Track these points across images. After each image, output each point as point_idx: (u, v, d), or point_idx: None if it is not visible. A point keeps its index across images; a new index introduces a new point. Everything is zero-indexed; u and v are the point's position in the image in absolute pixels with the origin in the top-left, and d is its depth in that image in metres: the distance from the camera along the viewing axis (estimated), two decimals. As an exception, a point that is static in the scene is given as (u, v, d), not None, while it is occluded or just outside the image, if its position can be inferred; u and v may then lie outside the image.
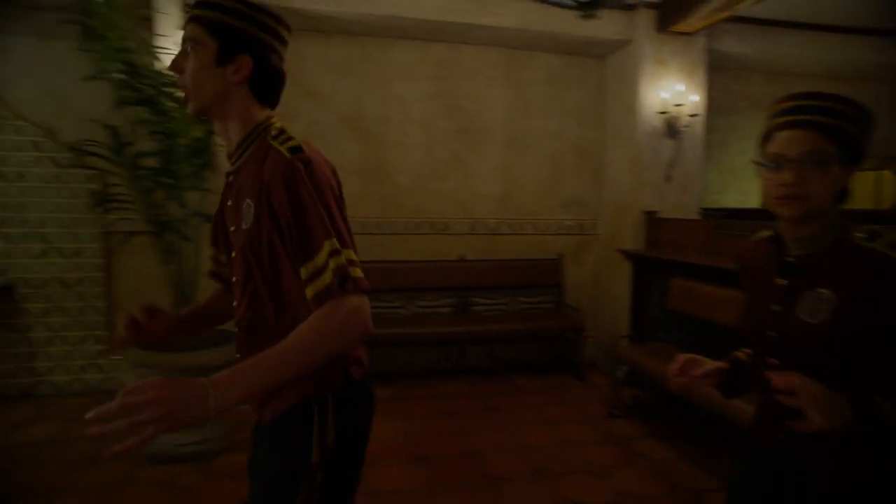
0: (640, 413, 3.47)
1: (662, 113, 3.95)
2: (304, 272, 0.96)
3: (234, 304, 1.15)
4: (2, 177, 3.60)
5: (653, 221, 4.00)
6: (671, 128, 3.98)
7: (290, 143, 1.01)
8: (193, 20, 1.05)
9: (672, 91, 3.91)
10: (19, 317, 3.69)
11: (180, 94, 2.65)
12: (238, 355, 1.13)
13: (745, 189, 4.85)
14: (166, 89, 2.76)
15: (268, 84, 1.10)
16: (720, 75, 4.47)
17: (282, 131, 1.04)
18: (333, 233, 0.97)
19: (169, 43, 2.98)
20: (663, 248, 3.85)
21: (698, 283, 3.24)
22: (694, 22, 3.71)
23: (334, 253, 0.95)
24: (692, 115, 3.96)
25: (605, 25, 3.94)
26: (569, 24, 3.86)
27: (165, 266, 2.83)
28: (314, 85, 3.90)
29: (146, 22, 3.20)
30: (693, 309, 3.26)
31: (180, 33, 1.09)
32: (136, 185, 2.75)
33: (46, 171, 3.65)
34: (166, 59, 2.83)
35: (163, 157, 2.78)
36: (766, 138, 1.02)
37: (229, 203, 1.15)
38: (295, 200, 0.96)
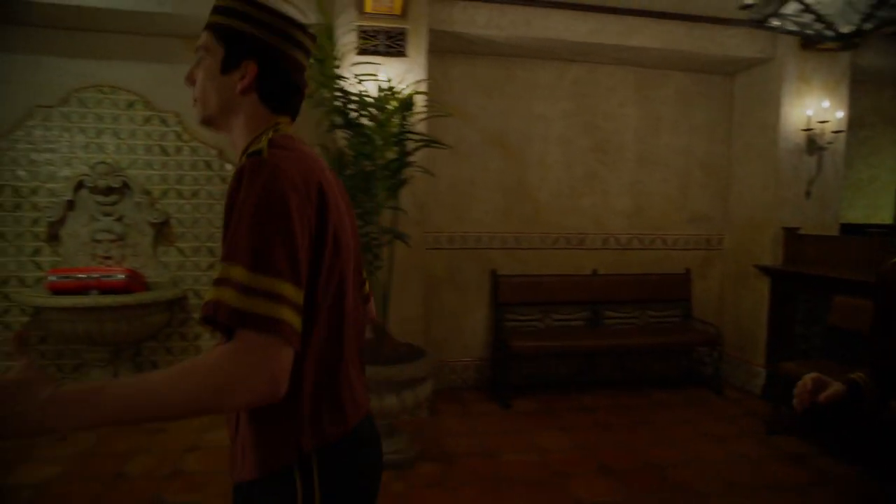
0: (798, 429, 3.49)
1: (806, 130, 3.97)
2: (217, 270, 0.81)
3: None
4: (179, 194, 3.83)
5: (793, 238, 4.02)
6: (812, 144, 4.01)
7: (253, 147, 0.90)
8: (206, 27, 0.99)
9: (816, 108, 3.94)
10: (189, 326, 3.90)
11: (381, 116, 2.86)
12: None
13: (873, 204, 4.83)
14: (365, 112, 2.93)
15: (278, 92, 0.99)
16: (852, 89, 4.47)
17: (271, 136, 0.91)
18: (253, 255, 0.78)
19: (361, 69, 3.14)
20: (809, 265, 3.87)
21: (867, 300, 3.25)
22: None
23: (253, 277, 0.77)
24: (836, 132, 3.98)
25: (747, 44, 4.00)
26: (713, 44, 3.95)
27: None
28: (461, 104, 4.04)
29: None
30: (861, 326, 3.28)
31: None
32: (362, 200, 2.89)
33: (216, 189, 3.87)
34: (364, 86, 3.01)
35: (361, 177, 2.94)
36: None
37: None
38: (229, 207, 0.84)
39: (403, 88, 3.06)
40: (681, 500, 2.69)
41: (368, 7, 3.26)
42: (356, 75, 3.03)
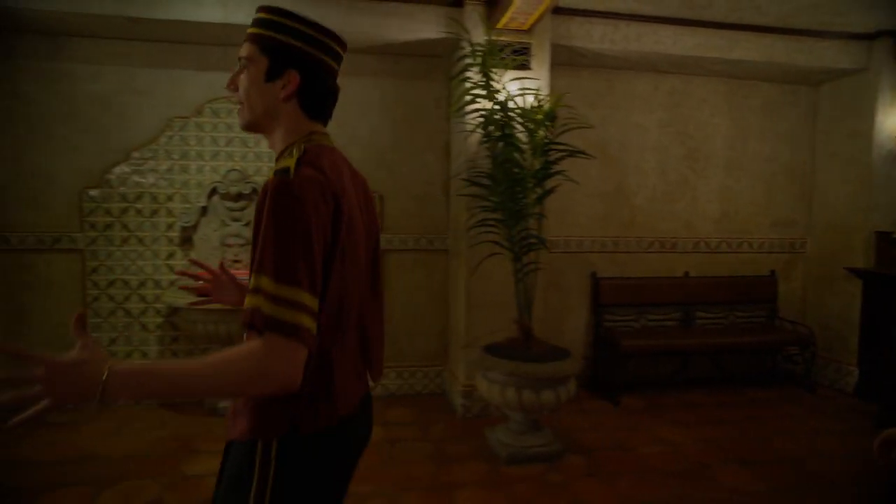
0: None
1: (899, 138, 4.15)
2: (251, 280, 0.94)
3: None
4: (302, 201, 4.00)
5: (886, 241, 4.18)
6: (905, 152, 4.18)
7: (281, 164, 1.00)
8: (248, 39, 1.11)
9: (910, 117, 4.11)
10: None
11: (530, 126, 3.03)
12: None
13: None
14: (517, 124, 3.11)
15: (317, 99, 1.12)
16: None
17: (304, 150, 1.02)
18: (284, 269, 0.92)
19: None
20: (907, 268, 4.03)
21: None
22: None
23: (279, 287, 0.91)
24: (928, 140, 4.15)
25: (843, 55, 4.18)
26: (810, 55, 4.13)
27: (516, 283, 3.14)
28: (565, 113, 4.20)
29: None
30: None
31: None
32: (508, 212, 3.06)
33: (337, 196, 4.03)
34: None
35: (509, 184, 3.11)
36: None
37: None
38: (258, 220, 0.97)
39: (543, 101, 3.24)
40: (820, 491, 2.85)
41: (501, 24, 3.42)
42: (504, 88, 3.20)
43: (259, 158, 3.96)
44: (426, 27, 3.60)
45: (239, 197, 3.88)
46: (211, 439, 3.28)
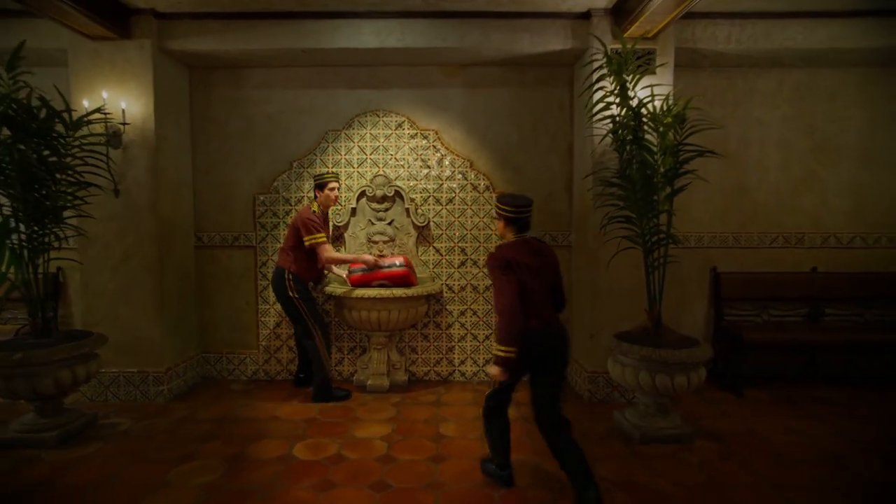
0: None
1: None
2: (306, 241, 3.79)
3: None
4: (437, 201, 4.45)
5: None
6: None
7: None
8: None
9: None
10: (443, 316, 4.51)
11: (660, 129, 3.22)
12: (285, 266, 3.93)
13: None
14: (648, 127, 3.31)
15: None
16: None
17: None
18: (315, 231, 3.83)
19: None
20: None
21: None
22: None
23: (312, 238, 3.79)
24: None
25: None
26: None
27: (647, 275, 3.36)
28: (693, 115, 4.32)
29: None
30: None
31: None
32: (640, 210, 3.29)
33: (468, 196, 4.44)
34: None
35: (643, 185, 3.32)
36: None
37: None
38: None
39: (671, 105, 3.42)
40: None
41: (628, 33, 3.64)
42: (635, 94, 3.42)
43: (400, 166, 4.45)
44: (555, 39, 3.90)
45: (383, 199, 4.39)
46: (367, 410, 3.80)
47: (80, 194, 3.45)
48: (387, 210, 4.42)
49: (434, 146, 4.45)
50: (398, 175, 4.45)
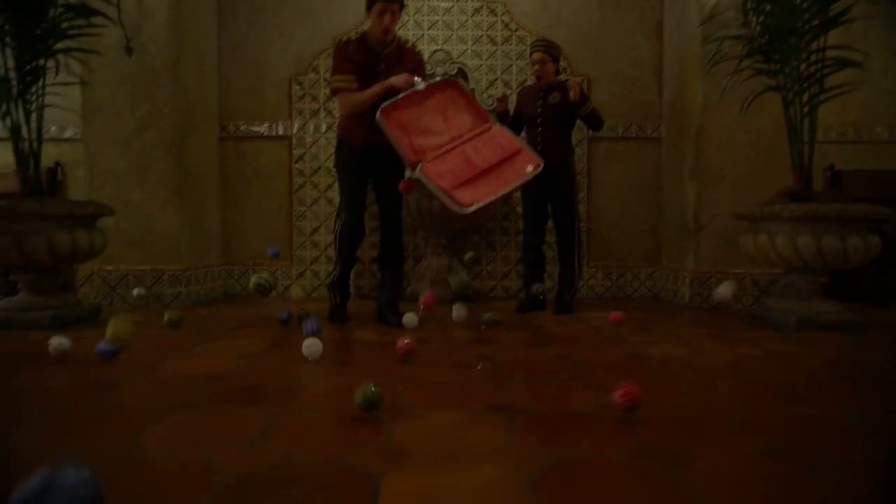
0: None
1: None
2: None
3: None
4: (505, 84, 3.79)
5: None
6: None
7: None
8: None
9: None
10: (510, 220, 3.81)
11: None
12: None
13: None
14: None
15: None
16: None
17: None
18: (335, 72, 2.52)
19: None
20: None
21: None
22: None
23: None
24: None
25: None
26: None
27: (790, 126, 2.68)
28: None
29: None
30: None
31: None
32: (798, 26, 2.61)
33: (541, 79, 3.77)
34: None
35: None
36: None
37: None
38: None
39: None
40: None
41: None
42: None
43: (463, 42, 3.79)
44: None
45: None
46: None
47: (80, 24, 2.73)
48: (447, 92, 3.74)
49: (503, 20, 3.79)
50: (461, 53, 3.79)
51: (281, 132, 3.80)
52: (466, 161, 2.48)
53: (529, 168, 2.52)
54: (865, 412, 1.33)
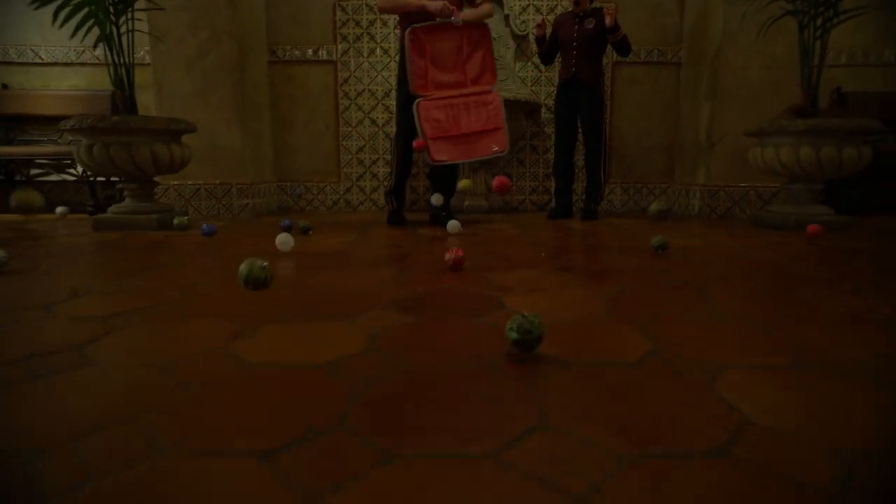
0: None
1: None
2: None
3: None
4: (537, 10, 4.00)
5: None
6: None
7: None
8: None
9: None
10: (540, 139, 4.16)
11: None
12: None
13: None
14: None
15: None
16: None
17: None
18: None
19: None
20: None
21: None
22: None
23: None
24: None
25: None
26: None
27: (803, 48, 2.98)
28: None
29: None
30: None
31: None
32: None
33: (571, 4, 3.98)
34: None
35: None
36: None
37: None
38: None
39: None
40: None
41: None
42: None
43: (496, -34, 3.97)
44: None
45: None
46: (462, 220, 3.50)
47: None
48: (483, 18, 3.97)
49: (535, -56, 3.96)
50: (496, -20, 3.98)
51: (326, 56, 4.07)
52: (454, 119, 2.83)
53: (495, 148, 2.86)
54: (836, 274, 1.78)
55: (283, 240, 2.06)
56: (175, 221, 2.83)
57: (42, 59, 4.04)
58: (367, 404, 0.72)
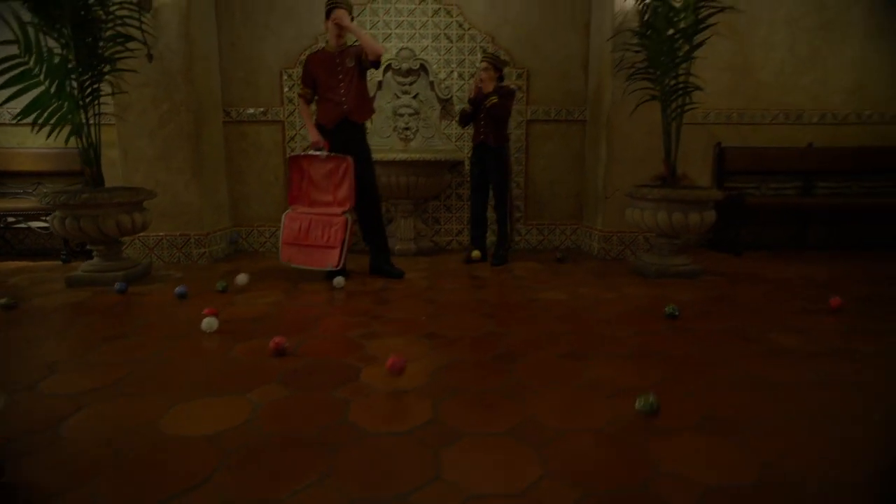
0: None
1: None
2: None
3: None
4: (459, 76, 4.61)
5: None
6: None
7: None
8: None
9: None
10: (464, 188, 4.76)
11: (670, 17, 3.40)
12: None
13: None
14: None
15: None
16: None
17: None
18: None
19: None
20: None
21: None
22: None
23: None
24: None
25: None
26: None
27: (664, 127, 3.63)
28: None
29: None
30: None
31: None
32: (662, 65, 3.51)
33: (489, 72, 4.59)
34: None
35: (665, 41, 3.52)
36: None
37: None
38: None
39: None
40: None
41: None
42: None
43: (424, 39, 4.56)
44: None
45: (409, 73, 4.53)
46: (399, 263, 4.10)
47: (119, 49, 3.50)
48: (412, 83, 4.56)
49: (457, 21, 4.55)
50: (423, 49, 4.57)
51: (274, 117, 4.61)
52: (305, 231, 3.46)
53: (328, 264, 3.42)
54: (646, 324, 2.40)
55: (209, 324, 2.49)
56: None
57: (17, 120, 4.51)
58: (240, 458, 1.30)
